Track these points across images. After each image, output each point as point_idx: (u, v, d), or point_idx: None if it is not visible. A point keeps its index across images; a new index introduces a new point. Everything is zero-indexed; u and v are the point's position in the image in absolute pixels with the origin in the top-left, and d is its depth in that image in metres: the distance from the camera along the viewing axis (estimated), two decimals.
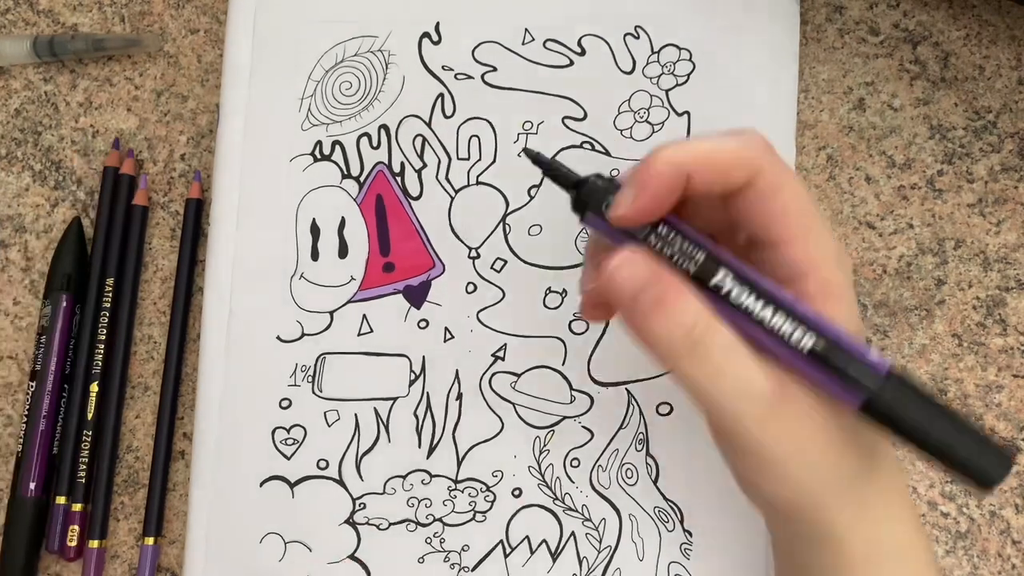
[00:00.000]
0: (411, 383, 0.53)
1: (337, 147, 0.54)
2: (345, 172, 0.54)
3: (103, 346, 0.55)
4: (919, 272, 0.53)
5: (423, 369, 0.53)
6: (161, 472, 0.54)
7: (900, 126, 0.55)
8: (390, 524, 0.52)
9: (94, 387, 0.55)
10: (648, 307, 0.35)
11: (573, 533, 0.52)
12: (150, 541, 0.54)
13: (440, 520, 0.52)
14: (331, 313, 0.53)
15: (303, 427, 0.53)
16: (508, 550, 0.52)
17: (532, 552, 0.52)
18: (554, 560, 0.52)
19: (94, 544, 0.54)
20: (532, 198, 0.54)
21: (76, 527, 0.54)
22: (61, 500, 0.54)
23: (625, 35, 0.55)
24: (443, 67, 0.55)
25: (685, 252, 0.36)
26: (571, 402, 0.53)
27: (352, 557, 0.52)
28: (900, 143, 0.54)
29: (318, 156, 0.54)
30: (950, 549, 0.51)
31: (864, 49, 0.55)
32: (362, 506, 0.52)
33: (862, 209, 0.54)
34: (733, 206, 0.37)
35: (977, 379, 0.52)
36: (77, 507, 0.54)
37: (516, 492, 0.52)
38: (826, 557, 0.39)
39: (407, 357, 0.53)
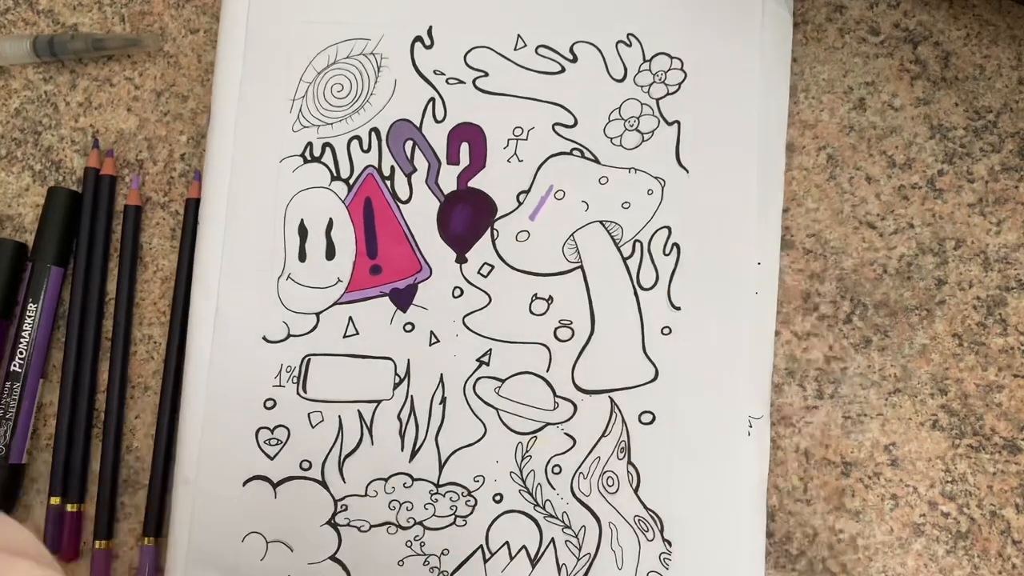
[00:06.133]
0: (395, 386, 0.53)
1: (327, 149, 0.55)
2: (335, 174, 0.54)
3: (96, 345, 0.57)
4: (919, 272, 0.53)
5: (408, 372, 0.53)
6: (161, 472, 0.55)
7: (900, 126, 0.54)
8: (371, 526, 0.53)
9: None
10: None
11: (553, 540, 0.52)
12: (150, 541, 0.55)
13: (421, 524, 0.52)
14: (317, 314, 0.54)
15: (287, 428, 0.53)
16: (488, 555, 0.52)
17: (511, 558, 0.52)
18: (533, 566, 0.52)
19: (101, 545, 0.55)
20: (521, 204, 0.54)
21: (73, 528, 0.55)
22: (56, 501, 0.55)
23: (617, 43, 0.54)
24: (435, 71, 0.55)
25: None
26: (554, 409, 0.53)
27: (333, 558, 0.52)
28: (900, 143, 0.54)
29: (308, 158, 0.55)
30: (950, 549, 0.51)
31: (864, 49, 0.54)
32: (344, 508, 0.53)
33: (862, 209, 0.53)
34: None
35: (977, 379, 0.52)
36: (72, 507, 0.55)
37: (497, 497, 0.52)
38: None
39: (392, 360, 0.53)
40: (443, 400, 0.53)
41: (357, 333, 0.54)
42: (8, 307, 0.57)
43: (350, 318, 0.54)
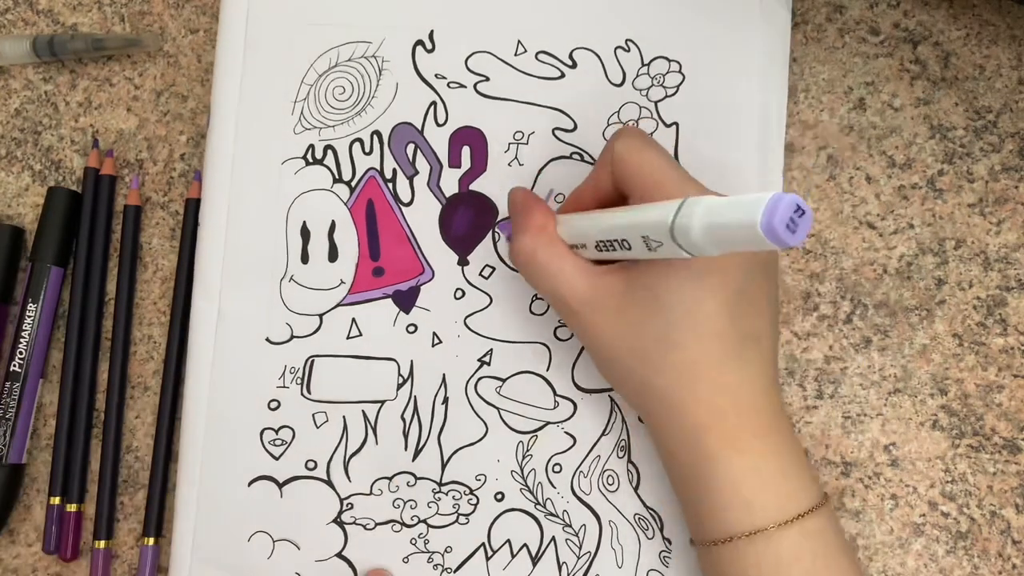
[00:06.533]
0: (399, 386, 0.53)
1: (329, 151, 0.55)
2: (337, 176, 0.54)
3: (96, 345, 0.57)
4: (919, 272, 0.53)
5: (411, 373, 0.53)
6: (161, 472, 0.55)
7: (900, 126, 0.54)
8: (376, 524, 0.53)
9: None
10: (515, 228, 0.49)
11: (554, 538, 0.52)
12: (150, 541, 0.55)
13: (424, 521, 0.53)
14: (320, 316, 0.54)
15: (291, 428, 0.53)
16: (490, 553, 0.52)
17: (513, 556, 0.52)
18: (534, 564, 0.52)
19: (100, 544, 0.55)
20: None
21: (73, 528, 0.55)
22: (56, 501, 0.55)
23: (616, 48, 0.54)
24: (436, 75, 0.55)
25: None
26: (555, 407, 0.53)
27: (339, 556, 0.53)
28: (900, 143, 0.54)
29: (310, 160, 0.54)
30: (950, 549, 0.51)
31: (864, 49, 0.55)
32: (349, 506, 0.53)
33: (862, 209, 0.54)
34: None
35: (978, 379, 0.52)
36: (72, 507, 0.55)
37: (498, 496, 0.52)
38: (674, 425, 0.46)
39: (395, 361, 0.53)
40: (445, 400, 0.53)
41: (360, 334, 0.54)
42: (7, 291, 0.57)
43: (353, 319, 0.54)
